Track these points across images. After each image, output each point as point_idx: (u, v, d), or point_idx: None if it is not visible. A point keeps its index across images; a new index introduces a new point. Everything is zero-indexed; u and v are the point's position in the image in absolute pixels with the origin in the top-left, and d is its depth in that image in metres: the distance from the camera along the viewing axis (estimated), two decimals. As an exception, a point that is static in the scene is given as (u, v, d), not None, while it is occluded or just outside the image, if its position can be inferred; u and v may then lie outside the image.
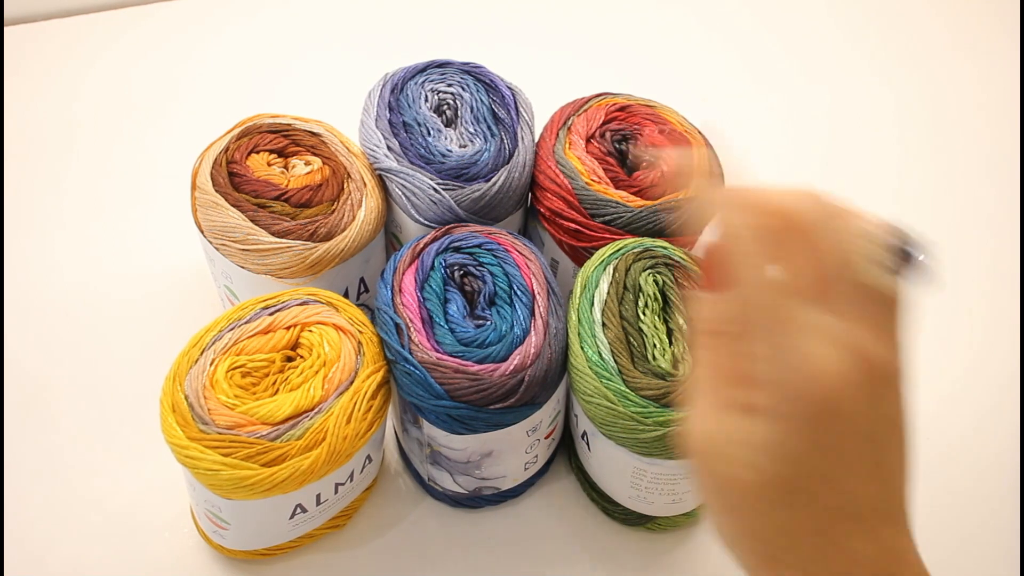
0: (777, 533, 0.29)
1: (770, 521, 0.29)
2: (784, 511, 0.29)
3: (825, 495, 0.28)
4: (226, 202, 0.47)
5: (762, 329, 0.29)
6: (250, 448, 0.39)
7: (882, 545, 0.29)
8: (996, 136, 0.74)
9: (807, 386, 0.28)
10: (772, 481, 0.29)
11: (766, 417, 0.29)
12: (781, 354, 0.28)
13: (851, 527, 0.29)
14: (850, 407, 0.28)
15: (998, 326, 0.61)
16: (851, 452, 0.28)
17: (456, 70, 0.53)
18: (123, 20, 0.78)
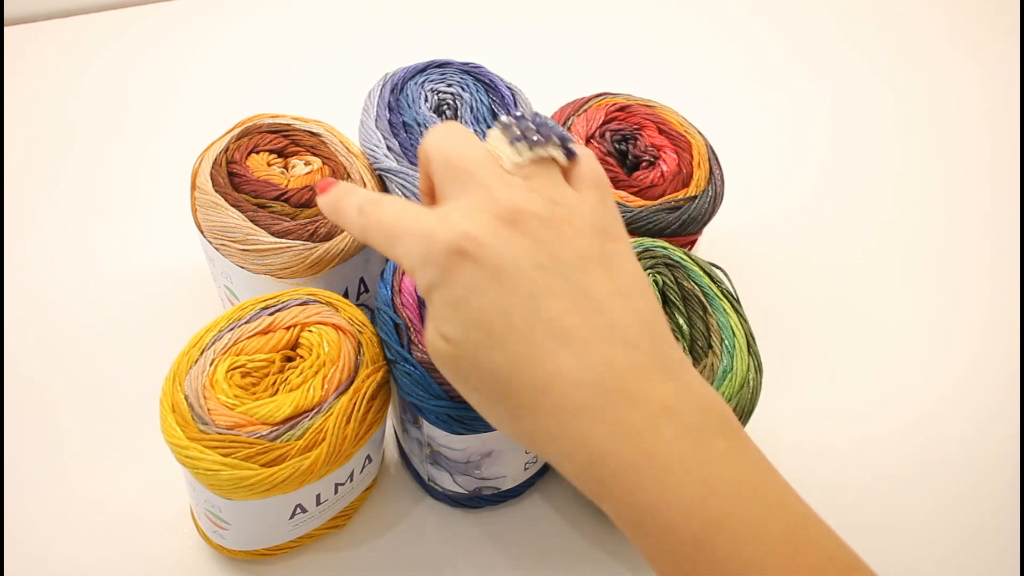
0: (495, 378, 0.31)
1: (486, 367, 0.31)
2: (489, 354, 0.31)
3: (509, 320, 0.31)
4: (226, 202, 0.47)
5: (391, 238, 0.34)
6: (250, 448, 0.39)
7: (597, 360, 0.30)
8: (996, 136, 0.74)
9: (437, 237, 0.31)
10: (458, 336, 0.32)
11: (429, 293, 0.32)
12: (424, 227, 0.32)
13: (552, 347, 0.30)
14: (487, 247, 0.31)
15: (998, 326, 0.61)
16: (521, 282, 0.31)
17: (456, 70, 0.53)
18: (123, 20, 0.78)
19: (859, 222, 0.67)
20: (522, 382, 0.31)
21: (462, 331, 0.31)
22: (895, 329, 0.61)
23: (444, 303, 0.32)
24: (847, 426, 0.55)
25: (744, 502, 0.29)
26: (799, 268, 0.64)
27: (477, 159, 0.34)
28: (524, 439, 0.32)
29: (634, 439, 0.29)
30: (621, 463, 0.29)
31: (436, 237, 0.32)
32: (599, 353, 0.30)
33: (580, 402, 0.30)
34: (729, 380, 0.42)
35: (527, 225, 0.32)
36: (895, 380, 0.58)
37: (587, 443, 0.30)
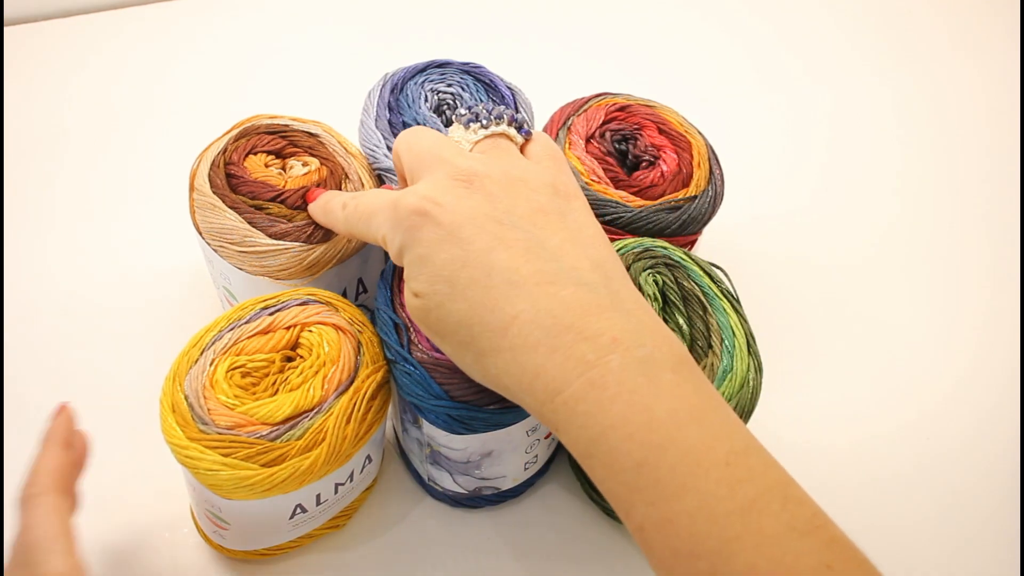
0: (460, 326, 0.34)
1: (452, 317, 0.34)
2: (453, 304, 0.34)
3: (469, 271, 0.33)
4: (223, 204, 0.47)
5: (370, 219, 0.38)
6: (250, 448, 0.39)
7: (550, 301, 0.32)
8: (997, 136, 0.74)
9: (401, 205, 0.35)
10: (426, 290, 0.34)
11: (400, 253, 0.35)
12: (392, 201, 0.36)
13: (507, 291, 0.33)
14: (444, 205, 0.34)
15: (999, 326, 0.61)
16: (476, 235, 0.33)
17: (456, 70, 0.53)
18: (122, 20, 0.78)
19: (859, 222, 0.67)
20: (483, 327, 0.33)
21: (429, 285, 0.34)
22: (895, 329, 0.61)
23: (412, 262, 0.35)
24: (847, 426, 0.55)
25: (686, 429, 0.30)
26: (799, 268, 0.64)
27: (438, 144, 0.38)
28: (490, 380, 0.35)
29: (584, 370, 0.31)
30: (572, 394, 0.31)
31: (400, 204, 0.35)
32: (551, 294, 0.33)
33: (535, 339, 0.32)
34: (729, 380, 0.42)
35: (483, 185, 0.35)
36: (895, 380, 0.58)
37: (542, 376, 0.32)
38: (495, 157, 0.37)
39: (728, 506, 0.29)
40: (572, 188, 0.37)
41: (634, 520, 0.31)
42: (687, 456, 0.30)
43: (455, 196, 0.35)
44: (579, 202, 0.37)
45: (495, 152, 0.38)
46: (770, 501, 0.29)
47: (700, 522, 0.29)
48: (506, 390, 0.34)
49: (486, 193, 0.35)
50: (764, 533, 0.28)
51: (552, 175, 0.37)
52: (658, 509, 0.30)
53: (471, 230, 0.34)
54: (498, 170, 0.36)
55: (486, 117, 0.38)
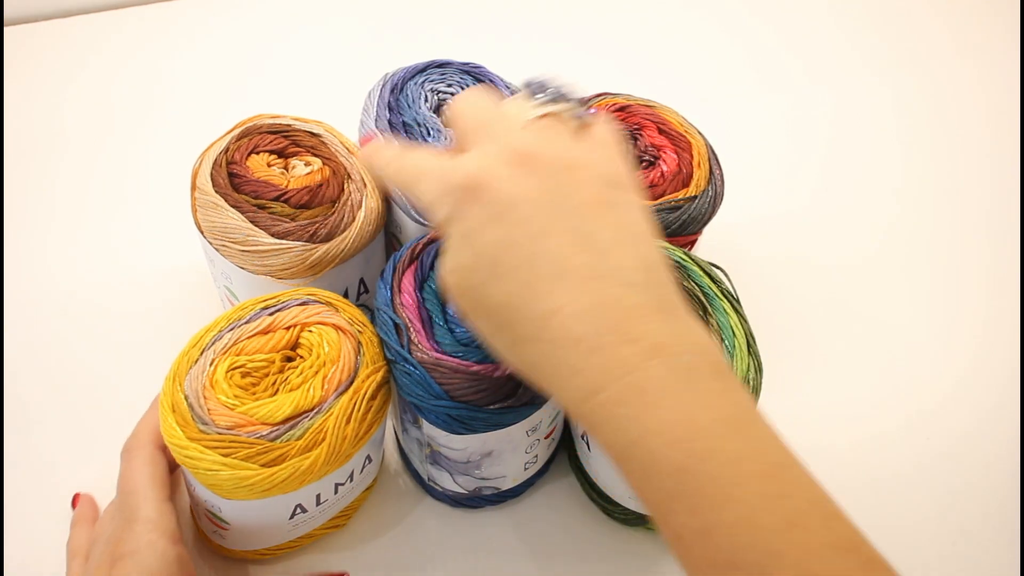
0: (500, 308, 0.33)
1: (492, 298, 0.33)
2: (495, 285, 0.33)
3: (515, 254, 0.32)
4: (226, 203, 0.47)
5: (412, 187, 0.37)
6: (250, 448, 0.39)
7: (595, 297, 0.32)
8: (997, 136, 0.74)
9: (452, 176, 0.34)
10: (467, 267, 0.34)
11: (443, 229, 0.35)
12: (442, 168, 0.35)
13: (553, 282, 0.32)
14: (497, 184, 0.33)
15: (999, 326, 0.61)
16: (525, 219, 0.33)
17: (456, 70, 0.53)
18: (123, 20, 0.78)
19: (859, 222, 0.67)
20: (524, 313, 0.32)
21: (471, 262, 0.33)
22: (895, 329, 0.61)
23: (456, 236, 0.34)
24: (847, 426, 0.55)
25: (727, 439, 0.30)
26: (799, 268, 0.64)
27: (495, 114, 0.37)
28: (523, 368, 0.34)
29: (625, 373, 0.31)
30: (612, 396, 0.31)
31: (451, 175, 0.34)
32: (598, 290, 0.32)
33: (577, 335, 0.31)
34: (729, 380, 0.42)
35: (536, 168, 0.34)
36: (895, 380, 0.58)
37: (582, 375, 0.31)
38: (553, 138, 0.35)
39: (769, 520, 0.29)
40: (627, 180, 0.36)
41: (671, 528, 0.30)
42: (729, 466, 0.29)
43: (508, 176, 0.33)
44: (632, 195, 0.35)
45: (553, 132, 0.36)
46: (811, 517, 0.29)
47: (741, 534, 0.28)
48: (539, 381, 0.34)
49: (539, 177, 0.33)
50: (805, 549, 0.28)
51: (608, 164, 0.35)
52: (698, 518, 0.29)
53: (521, 213, 0.33)
54: (554, 153, 0.34)
55: (553, 93, 0.37)
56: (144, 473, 0.42)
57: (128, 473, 0.43)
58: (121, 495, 0.42)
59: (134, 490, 0.42)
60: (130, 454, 0.43)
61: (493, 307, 0.33)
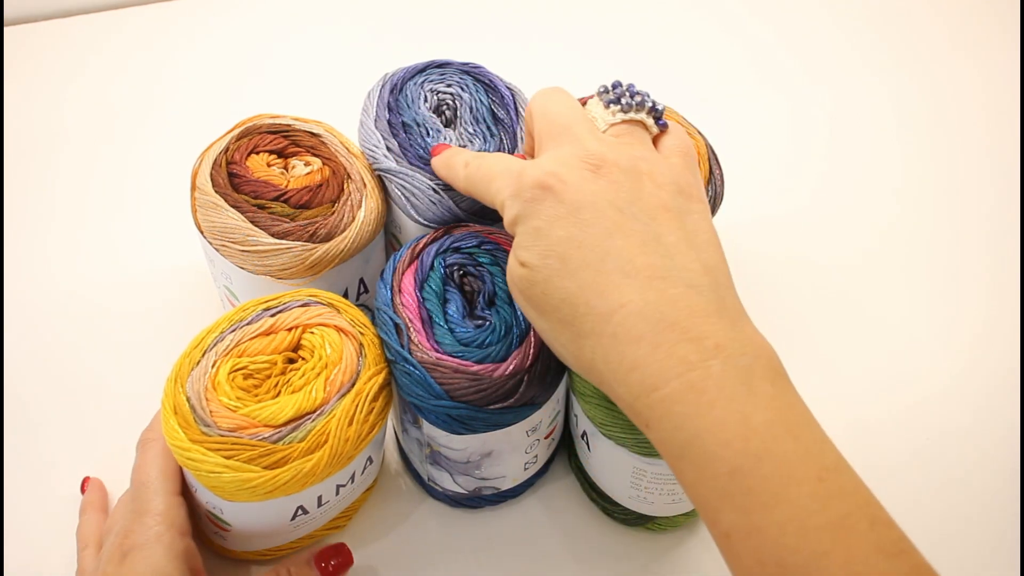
0: (564, 304, 0.34)
1: (557, 294, 0.34)
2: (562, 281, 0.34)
3: (581, 254, 0.34)
4: (225, 203, 0.47)
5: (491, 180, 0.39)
6: (252, 450, 0.39)
7: (658, 296, 0.33)
8: (997, 136, 0.74)
9: (526, 176, 0.36)
10: (535, 262, 0.35)
11: (516, 224, 0.36)
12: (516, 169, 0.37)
13: (618, 279, 0.33)
14: (569, 184, 0.35)
15: (998, 325, 0.61)
16: (596, 220, 0.34)
17: (455, 70, 0.53)
18: (123, 20, 0.78)
19: (859, 222, 0.67)
20: (588, 308, 0.34)
21: (540, 259, 0.35)
22: (895, 329, 0.61)
23: (526, 233, 0.35)
24: (846, 425, 0.55)
25: (780, 441, 0.30)
26: (799, 268, 0.64)
27: (573, 117, 0.38)
28: (583, 363, 0.35)
29: (684, 371, 0.31)
30: (670, 392, 0.31)
31: (525, 174, 0.36)
32: (661, 290, 0.33)
33: (639, 332, 0.32)
34: (729, 380, 0.42)
35: (610, 172, 0.35)
36: (895, 379, 0.58)
37: (641, 371, 0.32)
38: (627, 144, 0.37)
39: (819, 521, 0.29)
40: (696, 190, 0.37)
41: (720, 526, 0.31)
42: (782, 468, 0.30)
43: (581, 177, 0.35)
44: (700, 205, 0.37)
45: (628, 139, 0.37)
46: (860, 520, 0.29)
47: (790, 534, 0.29)
48: (599, 376, 0.34)
49: (612, 180, 0.35)
50: (853, 551, 0.29)
51: (679, 173, 0.37)
52: (748, 518, 0.30)
53: (591, 213, 0.34)
54: (627, 159, 0.36)
55: (628, 102, 0.38)
56: (156, 466, 0.43)
57: (141, 465, 0.43)
58: (134, 486, 0.43)
59: (145, 482, 0.42)
60: (145, 446, 0.44)
61: (557, 303, 0.35)
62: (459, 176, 0.42)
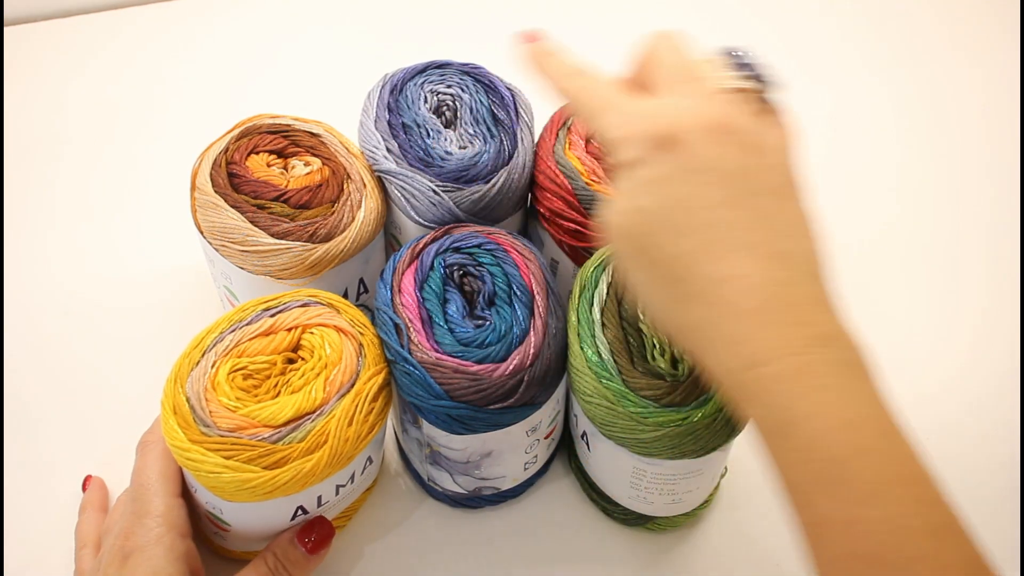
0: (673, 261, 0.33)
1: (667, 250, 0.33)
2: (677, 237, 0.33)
3: (696, 219, 0.33)
4: (225, 203, 0.47)
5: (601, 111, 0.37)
6: (252, 451, 0.39)
7: (772, 275, 0.32)
8: (997, 135, 0.74)
9: (650, 122, 0.34)
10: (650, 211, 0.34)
11: (622, 171, 0.34)
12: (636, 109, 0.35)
13: (737, 249, 0.33)
14: (695, 144, 0.33)
15: (998, 325, 0.61)
16: (713, 186, 0.33)
17: (455, 71, 0.53)
18: (122, 20, 0.78)
19: (859, 222, 0.67)
20: (699, 270, 0.33)
21: (653, 210, 0.33)
22: (894, 329, 0.61)
23: (643, 180, 0.34)
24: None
25: (881, 438, 0.31)
26: (798, 268, 0.63)
27: (692, 69, 0.37)
28: (680, 325, 0.34)
29: (796, 353, 0.31)
30: (777, 371, 0.31)
31: (652, 120, 0.34)
32: (775, 269, 0.32)
33: (751, 305, 0.32)
34: (729, 381, 0.42)
35: (732, 140, 0.34)
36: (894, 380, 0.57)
37: (747, 345, 0.32)
38: (747, 115, 0.36)
39: (917, 524, 0.29)
40: (799, 179, 0.37)
41: (811, 513, 0.31)
42: (885, 466, 0.30)
43: (705, 138, 0.34)
44: (803, 194, 0.36)
45: (747, 108, 0.36)
46: (953, 531, 0.30)
47: (887, 533, 0.29)
48: (693, 342, 0.34)
49: (735, 150, 0.34)
50: (946, 561, 0.29)
51: (789, 160, 0.37)
52: (846, 508, 0.30)
53: (712, 178, 0.33)
54: (750, 132, 0.35)
55: (750, 70, 0.37)
56: (156, 468, 0.43)
57: (142, 467, 0.43)
58: (134, 488, 0.43)
59: (146, 484, 0.42)
60: (145, 448, 0.44)
61: (664, 259, 0.34)
62: (561, 81, 0.40)
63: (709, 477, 0.46)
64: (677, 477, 0.45)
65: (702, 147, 0.33)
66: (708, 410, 0.41)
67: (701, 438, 0.42)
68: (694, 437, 0.42)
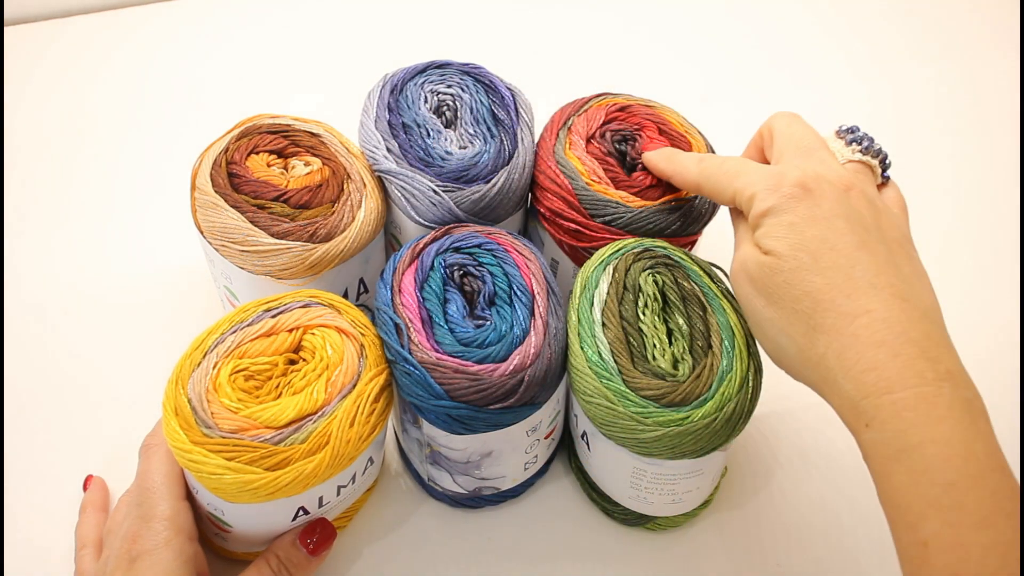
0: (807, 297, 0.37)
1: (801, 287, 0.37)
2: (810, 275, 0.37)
3: (830, 258, 0.37)
4: (225, 203, 0.47)
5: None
6: (254, 452, 0.39)
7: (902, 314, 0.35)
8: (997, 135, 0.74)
9: (784, 175, 0.39)
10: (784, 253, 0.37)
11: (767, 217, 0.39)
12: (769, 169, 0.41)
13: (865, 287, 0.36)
14: (828, 193, 0.38)
15: (999, 326, 0.61)
16: (845, 230, 0.37)
17: (456, 71, 0.53)
18: (122, 21, 0.78)
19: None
20: (833, 305, 0.36)
21: (791, 250, 0.37)
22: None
23: (779, 224, 0.38)
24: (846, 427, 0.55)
25: (996, 474, 0.33)
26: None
27: (820, 142, 0.42)
28: (811, 356, 0.37)
29: (920, 383, 0.34)
30: (904, 399, 0.34)
31: (786, 173, 0.39)
32: (903, 308, 0.36)
33: (881, 338, 0.35)
34: (728, 381, 0.42)
35: (858, 197, 0.39)
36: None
37: (878, 372, 0.34)
38: (866, 181, 0.41)
39: (1020, 554, 0.31)
40: (912, 242, 0.40)
41: (921, 533, 0.33)
42: (995, 496, 0.32)
43: (834, 190, 0.38)
44: (918, 255, 0.40)
45: (866, 177, 0.41)
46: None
47: (993, 558, 0.31)
48: (825, 370, 0.36)
49: (859, 204, 0.39)
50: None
51: (905, 222, 0.41)
52: (955, 532, 0.32)
53: (845, 223, 0.37)
54: (870, 193, 0.40)
55: (867, 145, 0.42)
56: (161, 471, 0.43)
57: (146, 470, 0.43)
58: (138, 491, 0.43)
59: (151, 487, 0.42)
60: (149, 451, 0.44)
61: (799, 294, 0.37)
62: (690, 169, 0.45)
63: (709, 477, 0.46)
64: (677, 477, 0.45)
65: (833, 196, 0.38)
66: (708, 410, 0.41)
67: (701, 438, 0.42)
68: (694, 437, 0.42)
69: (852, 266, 0.36)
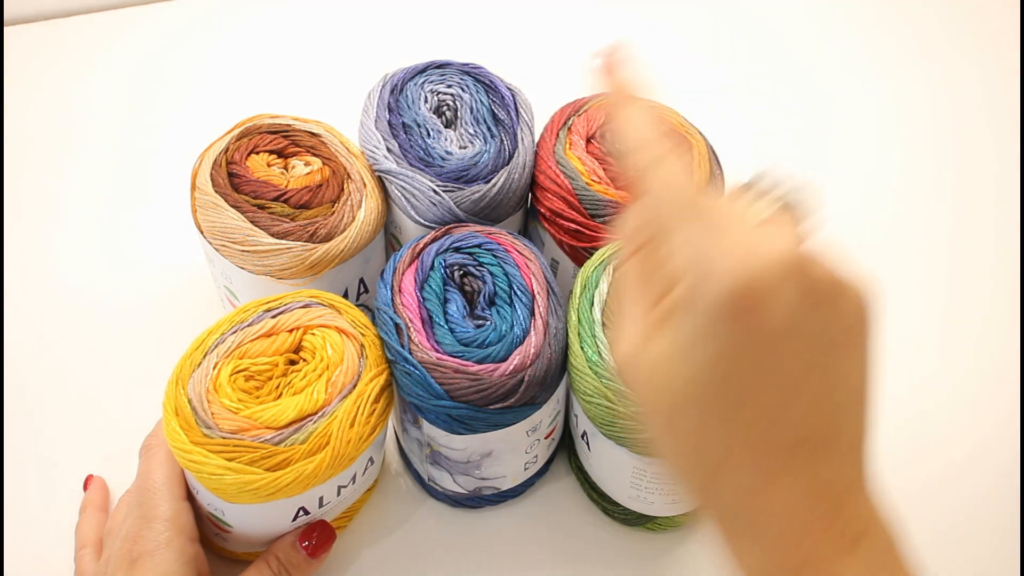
0: (710, 447, 0.28)
1: (703, 434, 0.28)
2: (712, 423, 0.28)
3: (750, 407, 0.27)
4: (225, 203, 0.47)
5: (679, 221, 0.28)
6: (254, 452, 0.39)
7: (812, 481, 0.28)
8: (997, 135, 0.74)
9: (721, 265, 0.26)
10: (690, 389, 0.28)
11: (682, 315, 0.28)
12: (697, 239, 0.27)
13: (779, 456, 0.28)
14: (774, 301, 0.26)
15: (999, 326, 0.61)
16: (784, 361, 0.27)
17: (456, 71, 0.53)
18: (122, 21, 0.78)
19: (858, 222, 0.67)
20: (740, 461, 0.28)
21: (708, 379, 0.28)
22: (894, 330, 0.60)
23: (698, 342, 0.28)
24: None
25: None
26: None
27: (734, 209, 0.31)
28: (707, 504, 0.30)
29: (827, 557, 0.28)
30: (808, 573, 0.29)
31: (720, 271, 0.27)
32: (821, 466, 0.28)
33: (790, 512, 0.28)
34: (729, 381, 0.42)
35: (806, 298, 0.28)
36: (894, 382, 0.58)
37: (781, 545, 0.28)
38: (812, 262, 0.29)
39: None
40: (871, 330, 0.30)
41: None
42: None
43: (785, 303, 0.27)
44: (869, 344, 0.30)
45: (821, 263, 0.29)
46: None
47: None
48: (723, 524, 0.30)
49: (808, 312, 0.27)
50: None
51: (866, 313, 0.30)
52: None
53: (784, 358, 0.27)
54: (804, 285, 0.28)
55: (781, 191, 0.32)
56: (161, 471, 0.43)
57: (146, 470, 0.43)
58: (139, 491, 0.43)
59: (151, 488, 0.42)
60: (149, 451, 0.44)
61: (707, 437, 0.28)
62: (634, 149, 0.31)
63: (709, 477, 0.46)
64: (677, 477, 0.45)
65: (779, 315, 0.27)
66: (708, 410, 0.41)
67: (701, 438, 0.42)
68: (694, 437, 0.41)
69: (771, 425, 0.28)
